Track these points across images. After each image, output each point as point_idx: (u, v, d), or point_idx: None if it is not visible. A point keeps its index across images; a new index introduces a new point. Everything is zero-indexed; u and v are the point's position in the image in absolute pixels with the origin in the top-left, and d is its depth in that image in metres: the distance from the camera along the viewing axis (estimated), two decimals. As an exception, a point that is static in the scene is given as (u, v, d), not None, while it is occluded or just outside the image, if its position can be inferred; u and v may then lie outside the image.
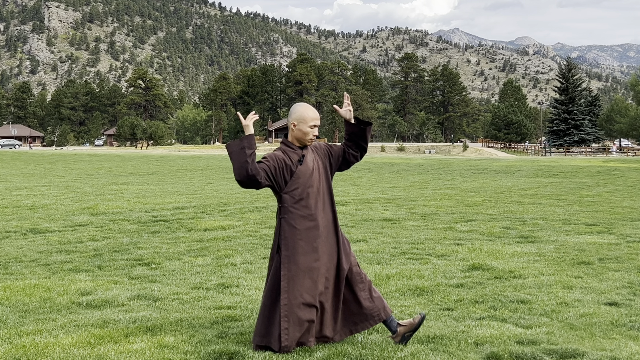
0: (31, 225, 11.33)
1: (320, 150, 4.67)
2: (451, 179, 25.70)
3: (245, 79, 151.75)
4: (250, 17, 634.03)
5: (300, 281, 4.38)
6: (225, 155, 57.45)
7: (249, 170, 4.30)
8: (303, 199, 4.45)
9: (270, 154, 4.49)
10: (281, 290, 4.37)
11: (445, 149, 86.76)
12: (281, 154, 4.50)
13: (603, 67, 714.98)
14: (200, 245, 9.22)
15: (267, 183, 4.40)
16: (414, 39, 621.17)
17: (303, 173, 4.48)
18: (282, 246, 4.44)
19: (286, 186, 4.48)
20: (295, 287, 4.37)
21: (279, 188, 4.48)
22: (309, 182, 4.48)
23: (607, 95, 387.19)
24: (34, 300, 5.83)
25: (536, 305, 5.72)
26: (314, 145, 4.66)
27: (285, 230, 4.45)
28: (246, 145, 4.34)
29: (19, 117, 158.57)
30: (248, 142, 4.36)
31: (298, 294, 4.37)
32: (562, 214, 13.13)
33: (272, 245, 4.59)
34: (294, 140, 4.58)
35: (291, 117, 4.56)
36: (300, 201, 4.45)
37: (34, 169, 34.65)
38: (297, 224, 4.43)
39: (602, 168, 34.00)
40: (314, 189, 4.50)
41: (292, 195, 4.46)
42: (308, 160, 4.54)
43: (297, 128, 4.53)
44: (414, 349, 4.45)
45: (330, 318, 4.50)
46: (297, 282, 4.38)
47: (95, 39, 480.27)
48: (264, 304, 4.46)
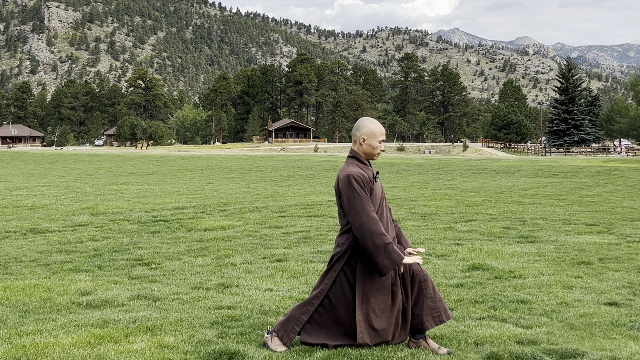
0: (31, 225, 11.33)
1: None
2: (451, 179, 25.69)
3: (245, 79, 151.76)
4: (250, 17, 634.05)
5: (374, 298, 4.43)
6: (225, 155, 57.44)
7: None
8: (377, 217, 4.45)
9: (359, 176, 4.39)
10: (356, 306, 4.40)
11: (445, 149, 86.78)
12: (362, 171, 4.46)
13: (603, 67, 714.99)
14: (200, 245, 9.22)
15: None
16: (414, 39, 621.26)
17: (377, 190, 4.49)
18: (359, 262, 4.43)
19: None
20: (369, 304, 4.42)
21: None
22: (379, 199, 4.50)
23: (607, 95, 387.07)
24: (34, 300, 5.83)
25: (536, 305, 5.72)
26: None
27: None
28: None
29: (19, 117, 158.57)
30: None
31: (371, 310, 4.42)
32: (562, 214, 13.13)
33: (336, 257, 4.52)
34: (363, 154, 4.56)
35: (360, 132, 4.53)
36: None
37: (34, 169, 34.65)
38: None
39: (602, 168, 34.00)
40: (383, 206, 4.53)
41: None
42: (378, 178, 4.59)
43: (366, 143, 4.51)
44: (414, 349, 4.46)
45: (399, 327, 4.57)
46: (372, 300, 4.43)
47: (95, 39, 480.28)
48: (324, 317, 4.48)
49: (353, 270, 4.45)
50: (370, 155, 4.52)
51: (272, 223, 11.57)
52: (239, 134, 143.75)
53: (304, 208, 14.00)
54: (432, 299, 4.51)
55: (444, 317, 4.51)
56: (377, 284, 4.41)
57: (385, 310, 4.45)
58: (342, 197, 4.37)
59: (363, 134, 4.51)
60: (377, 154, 4.53)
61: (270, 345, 4.47)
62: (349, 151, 4.61)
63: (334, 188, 4.48)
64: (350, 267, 4.45)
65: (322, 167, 35.52)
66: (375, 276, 4.40)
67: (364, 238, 4.27)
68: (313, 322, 4.50)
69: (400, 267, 4.37)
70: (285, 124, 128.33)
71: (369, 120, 4.59)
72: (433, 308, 4.50)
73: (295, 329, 4.48)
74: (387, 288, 4.45)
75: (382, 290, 4.44)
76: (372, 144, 4.50)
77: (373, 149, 4.50)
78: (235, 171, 31.89)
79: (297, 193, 18.52)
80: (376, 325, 4.42)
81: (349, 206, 4.32)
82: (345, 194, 4.34)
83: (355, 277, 4.44)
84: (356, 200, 4.30)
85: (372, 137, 4.50)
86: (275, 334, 4.51)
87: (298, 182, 23.61)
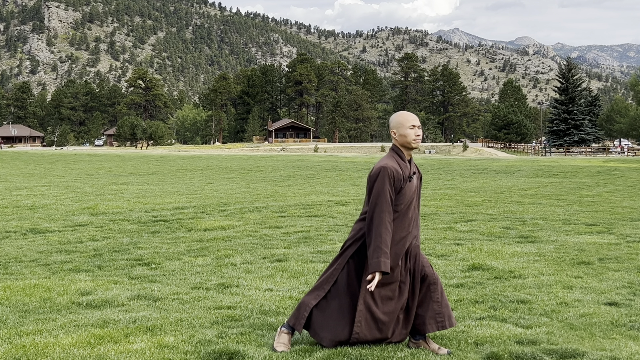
0: (31, 225, 11.33)
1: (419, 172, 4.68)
2: (451, 179, 25.69)
3: (245, 79, 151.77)
4: (250, 17, 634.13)
5: (378, 290, 4.43)
6: (225, 155, 57.45)
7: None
8: (401, 214, 4.44)
9: (392, 171, 4.39)
10: (360, 294, 4.41)
11: (445, 149, 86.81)
12: (398, 167, 4.45)
13: (603, 67, 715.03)
14: (200, 245, 9.22)
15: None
16: (414, 39, 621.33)
17: (408, 189, 4.47)
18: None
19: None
20: (373, 294, 4.42)
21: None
22: (410, 198, 4.48)
23: (607, 95, 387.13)
24: (34, 300, 5.82)
25: (536, 305, 5.72)
26: (417, 165, 4.67)
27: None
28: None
29: (19, 117, 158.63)
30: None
31: (373, 301, 4.42)
32: (562, 214, 13.13)
33: (348, 243, 4.55)
34: (401, 147, 4.54)
35: (391, 127, 4.58)
36: (398, 216, 4.44)
37: (34, 169, 34.65)
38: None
39: (602, 168, 34.00)
40: (413, 205, 4.52)
41: (395, 209, 4.44)
42: (414, 178, 4.54)
43: (398, 134, 4.52)
44: (414, 349, 4.46)
45: (400, 324, 4.55)
46: (376, 291, 4.42)
47: (95, 39, 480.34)
48: (331, 302, 4.49)
49: (363, 258, 4.47)
50: (407, 144, 4.50)
51: (272, 223, 11.57)
52: (239, 134, 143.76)
53: (304, 208, 14.00)
54: (439, 304, 4.51)
55: (446, 323, 4.51)
56: (384, 277, 4.41)
57: (388, 304, 4.45)
58: (371, 185, 4.40)
59: (393, 127, 4.55)
60: (413, 141, 4.49)
61: (275, 340, 4.50)
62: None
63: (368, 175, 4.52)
64: (361, 254, 4.47)
65: (322, 167, 35.52)
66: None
67: (369, 229, 4.32)
68: (321, 309, 4.50)
69: (375, 275, 4.32)
70: (285, 124, 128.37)
71: (397, 113, 4.63)
72: (438, 312, 4.50)
73: (304, 314, 4.49)
74: (395, 283, 4.46)
75: (389, 284, 4.44)
76: (404, 133, 4.49)
77: (406, 137, 4.49)
78: (235, 171, 31.90)
79: (297, 193, 18.52)
80: (377, 315, 4.42)
81: (372, 196, 4.36)
82: (374, 184, 4.37)
83: (363, 265, 4.45)
84: (380, 195, 4.32)
85: (401, 127, 4.50)
86: (285, 329, 4.53)
87: (298, 182, 23.61)
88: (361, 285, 4.43)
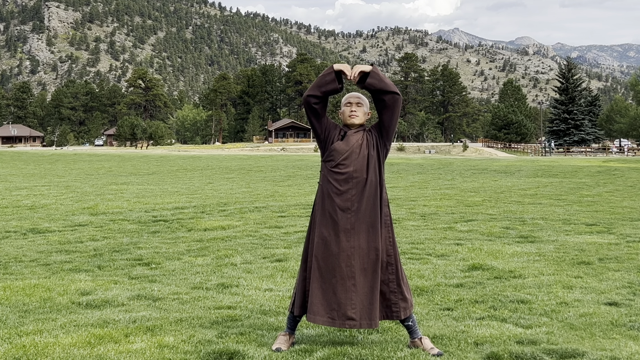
0: (31, 225, 11.33)
1: (372, 132, 4.65)
2: (451, 179, 25.70)
3: (245, 79, 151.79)
4: (250, 17, 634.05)
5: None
6: (225, 155, 57.42)
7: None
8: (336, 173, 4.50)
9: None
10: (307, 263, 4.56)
11: (445, 149, 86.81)
12: (335, 124, 4.68)
13: (603, 67, 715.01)
14: (200, 245, 9.22)
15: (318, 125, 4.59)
16: (414, 39, 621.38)
17: (340, 144, 4.54)
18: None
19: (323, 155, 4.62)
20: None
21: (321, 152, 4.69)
22: (345, 153, 4.53)
23: (607, 95, 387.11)
24: (34, 300, 5.82)
25: (536, 305, 5.72)
26: (370, 128, 4.65)
27: (316, 201, 4.62)
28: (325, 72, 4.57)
29: (19, 117, 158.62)
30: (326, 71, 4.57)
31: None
32: (562, 214, 13.13)
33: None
34: (344, 124, 4.68)
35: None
36: (334, 174, 4.51)
37: (34, 169, 34.66)
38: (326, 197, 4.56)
39: (602, 168, 34.00)
40: (352, 161, 4.51)
41: (327, 166, 4.56)
42: (351, 139, 4.55)
43: (340, 112, 4.70)
44: (414, 349, 4.46)
45: (359, 300, 4.45)
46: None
47: (95, 39, 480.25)
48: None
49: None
50: (345, 120, 4.65)
51: (272, 223, 11.57)
52: (239, 134, 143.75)
53: (304, 208, 14.00)
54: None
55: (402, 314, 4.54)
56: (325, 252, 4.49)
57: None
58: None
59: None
60: (348, 117, 4.60)
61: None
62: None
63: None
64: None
65: (322, 167, 35.47)
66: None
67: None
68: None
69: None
70: (285, 124, 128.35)
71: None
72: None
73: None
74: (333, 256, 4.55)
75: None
76: (342, 110, 4.67)
77: (343, 114, 4.65)
78: (235, 171, 31.90)
79: (297, 193, 18.52)
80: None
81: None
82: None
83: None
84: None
85: (341, 104, 4.70)
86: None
87: (298, 182, 23.61)
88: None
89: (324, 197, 4.50)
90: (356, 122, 4.59)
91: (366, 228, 4.44)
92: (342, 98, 4.75)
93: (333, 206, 4.44)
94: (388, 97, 4.51)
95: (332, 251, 4.41)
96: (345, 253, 4.39)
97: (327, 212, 4.45)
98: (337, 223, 4.42)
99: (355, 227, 4.42)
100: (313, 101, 4.52)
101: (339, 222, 4.42)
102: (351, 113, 4.58)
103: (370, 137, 4.58)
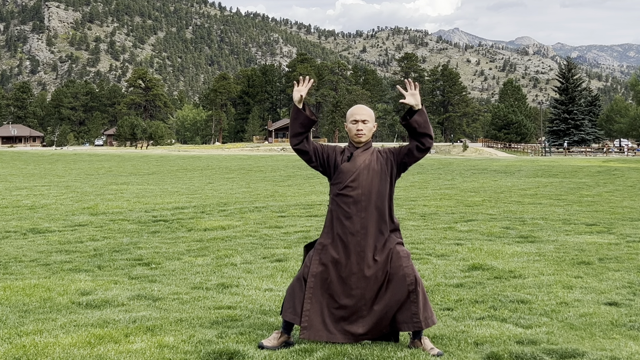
0: (31, 225, 11.33)
1: (383, 155, 4.62)
2: (451, 179, 25.69)
3: (245, 79, 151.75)
4: (250, 17, 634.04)
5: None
6: (225, 155, 57.44)
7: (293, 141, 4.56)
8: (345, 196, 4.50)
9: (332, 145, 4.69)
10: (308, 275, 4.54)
11: (445, 149, 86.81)
12: (340, 147, 4.64)
13: (603, 67, 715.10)
14: (200, 245, 9.22)
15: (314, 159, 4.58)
16: (414, 39, 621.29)
17: (347, 166, 4.53)
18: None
19: (331, 178, 4.61)
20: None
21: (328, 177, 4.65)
22: (351, 175, 4.51)
23: (607, 95, 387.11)
24: (34, 300, 5.82)
25: (536, 305, 5.72)
26: (380, 150, 4.63)
27: (325, 224, 4.64)
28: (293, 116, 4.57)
29: (19, 117, 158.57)
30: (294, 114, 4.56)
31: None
32: (562, 214, 13.13)
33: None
34: (351, 141, 4.67)
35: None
36: (342, 197, 4.51)
37: (34, 169, 34.66)
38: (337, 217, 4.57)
39: (602, 168, 33.99)
40: (360, 184, 4.50)
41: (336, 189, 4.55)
42: (358, 160, 4.53)
43: (347, 128, 4.65)
44: (414, 349, 4.45)
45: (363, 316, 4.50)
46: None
47: (95, 39, 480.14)
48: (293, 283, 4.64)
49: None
50: (351, 137, 4.63)
51: (272, 223, 11.57)
52: (239, 134, 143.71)
53: (304, 208, 14.00)
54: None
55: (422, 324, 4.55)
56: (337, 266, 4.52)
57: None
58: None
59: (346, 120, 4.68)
60: (355, 135, 4.58)
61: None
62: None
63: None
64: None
65: (322, 167, 35.48)
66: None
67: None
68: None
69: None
70: (286, 124, 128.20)
71: (353, 107, 4.71)
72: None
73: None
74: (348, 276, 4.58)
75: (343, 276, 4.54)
76: (348, 127, 4.64)
77: (350, 132, 4.63)
78: (235, 171, 31.90)
79: (297, 193, 18.52)
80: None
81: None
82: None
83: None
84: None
85: (347, 120, 4.66)
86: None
87: (298, 182, 23.61)
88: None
89: (333, 220, 4.52)
90: (363, 140, 4.59)
91: (373, 249, 4.47)
92: (347, 110, 4.74)
93: (343, 229, 4.47)
94: (426, 139, 4.51)
95: (342, 273, 4.46)
96: (355, 276, 4.43)
97: (337, 235, 4.49)
98: (347, 246, 4.46)
99: (365, 249, 4.45)
100: (299, 139, 4.56)
101: (349, 245, 4.45)
102: (358, 132, 4.57)
103: (382, 159, 4.58)
